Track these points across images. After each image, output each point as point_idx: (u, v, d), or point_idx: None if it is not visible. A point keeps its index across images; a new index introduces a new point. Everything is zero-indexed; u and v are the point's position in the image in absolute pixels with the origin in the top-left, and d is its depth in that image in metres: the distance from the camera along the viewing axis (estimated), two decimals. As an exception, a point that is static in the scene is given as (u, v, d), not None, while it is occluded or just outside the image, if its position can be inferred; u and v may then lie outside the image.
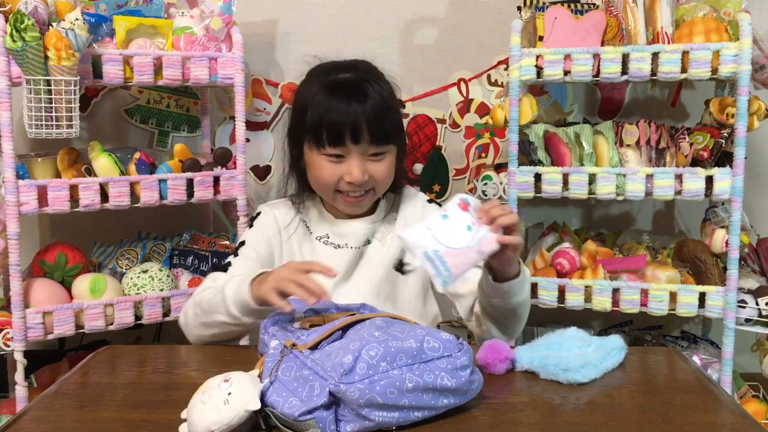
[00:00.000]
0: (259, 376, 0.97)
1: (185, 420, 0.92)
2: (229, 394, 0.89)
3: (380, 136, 1.30)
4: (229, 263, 1.39)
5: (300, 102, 1.37)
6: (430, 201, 1.50)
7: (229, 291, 1.23)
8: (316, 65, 1.42)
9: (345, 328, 1.01)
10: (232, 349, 1.28)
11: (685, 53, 1.75)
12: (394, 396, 0.89)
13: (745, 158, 1.77)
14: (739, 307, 1.82)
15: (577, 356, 1.08)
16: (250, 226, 1.47)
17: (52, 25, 1.68)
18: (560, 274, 1.94)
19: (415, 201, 1.48)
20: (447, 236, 1.05)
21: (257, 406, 0.89)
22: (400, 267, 1.05)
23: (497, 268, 1.21)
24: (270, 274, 1.16)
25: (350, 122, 1.27)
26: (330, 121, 1.27)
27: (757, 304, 1.84)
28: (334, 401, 0.90)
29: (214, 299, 1.26)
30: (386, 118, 1.30)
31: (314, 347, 0.98)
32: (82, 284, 1.84)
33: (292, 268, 1.12)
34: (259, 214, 1.49)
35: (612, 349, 1.12)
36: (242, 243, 1.43)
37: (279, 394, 0.92)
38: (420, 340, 0.94)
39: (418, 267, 1.04)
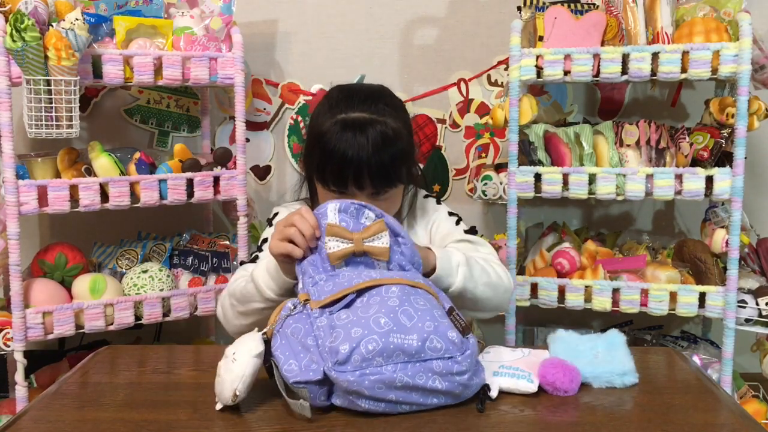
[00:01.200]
0: (266, 333, 1.01)
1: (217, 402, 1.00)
2: (234, 353, 0.97)
3: (383, 183, 1.29)
4: (257, 256, 1.41)
5: (312, 129, 1.36)
6: (430, 197, 1.52)
7: (260, 277, 1.24)
8: (334, 88, 1.40)
9: (361, 291, 1.01)
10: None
11: (685, 53, 1.75)
12: (381, 391, 0.93)
13: (745, 158, 1.77)
14: (739, 307, 1.82)
15: (608, 361, 1.08)
16: (270, 225, 1.48)
17: (52, 25, 1.68)
18: (560, 274, 1.94)
19: (425, 210, 1.49)
20: None
21: (261, 347, 0.97)
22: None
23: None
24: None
25: (353, 172, 1.26)
26: (334, 168, 1.27)
27: (757, 304, 1.84)
28: (327, 379, 0.95)
29: (246, 288, 1.28)
30: (391, 164, 1.28)
31: (325, 306, 1.00)
32: (82, 284, 1.84)
33: (287, 219, 1.14)
34: (277, 213, 1.49)
35: (620, 344, 1.12)
36: (265, 240, 1.44)
37: (282, 352, 0.98)
38: (423, 339, 0.95)
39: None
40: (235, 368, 0.96)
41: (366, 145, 1.25)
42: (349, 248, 1.06)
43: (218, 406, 0.99)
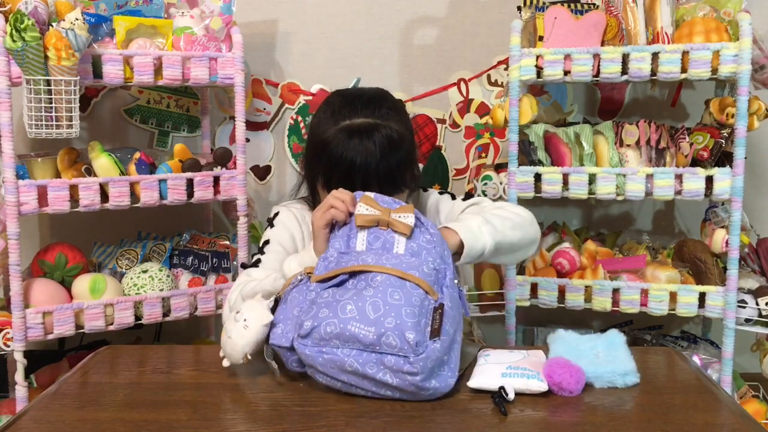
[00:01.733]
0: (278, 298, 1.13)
1: (223, 357, 1.12)
2: (245, 320, 1.08)
3: (391, 188, 1.29)
4: (259, 259, 1.41)
5: (314, 136, 1.35)
6: (441, 193, 1.52)
7: (292, 270, 1.22)
8: (334, 94, 1.40)
9: (354, 274, 1.08)
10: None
11: (685, 53, 1.75)
12: (334, 371, 1.01)
13: (745, 158, 1.77)
14: (739, 307, 1.83)
15: (609, 361, 1.08)
16: (271, 226, 1.47)
17: (52, 25, 1.68)
18: (560, 274, 1.94)
19: (417, 200, 1.49)
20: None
21: (270, 317, 1.08)
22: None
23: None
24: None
25: (361, 178, 1.27)
26: (341, 175, 1.28)
27: (757, 304, 1.84)
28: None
29: (275, 285, 1.25)
30: (398, 169, 1.29)
31: (322, 281, 1.08)
32: (82, 284, 1.84)
33: (326, 201, 1.18)
34: (277, 213, 1.49)
35: (620, 344, 1.12)
36: (266, 242, 1.44)
37: (277, 316, 1.09)
38: (380, 334, 0.99)
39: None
40: (248, 334, 1.07)
41: (374, 151, 1.26)
42: (376, 215, 1.12)
43: (225, 363, 1.11)
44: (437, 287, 1.06)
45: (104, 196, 1.81)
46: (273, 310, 1.11)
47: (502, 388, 1.01)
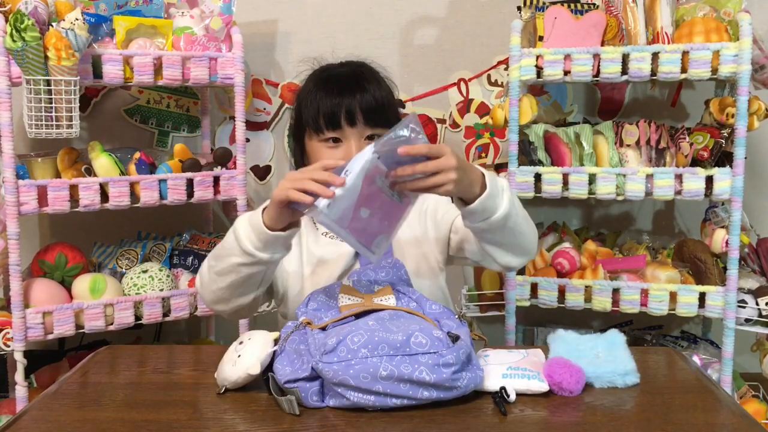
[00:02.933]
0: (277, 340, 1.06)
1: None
2: (239, 356, 1.02)
3: (375, 117, 1.33)
4: None
5: (298, 99, 1.42)
6: None
7: (241, 227, 1.20)
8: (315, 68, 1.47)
9: (358, 315, 1.07)
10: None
11: (685, 53, 1.75)
12: (367, 381, 0.95)
13: (745, 158, 1.77)
14: (739, 307, 1.83)
15: (609, 361, 1.08)
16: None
17: (52, 25, 1.68)
18: (560, 274, 1.94)
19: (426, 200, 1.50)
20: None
21: (256, 371, 1.01)
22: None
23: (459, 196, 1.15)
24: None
25: (345, 105, 1.31)
26: (325, 107, 1.32)
27: (757, 304, 1.84)
28: (318, 376, 0.98)
29: (226, 241, 1.23)
30: (380, 100, 1.34)
31: (324, 328, 1.04)
32: (82, 284, 1.84)
33: (301, 170, 1.11)
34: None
35: (620, 344, 1.12)
36: None
37: (281, 363, 1.01)
38: (408, 335, 0.98)
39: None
40: (231, 371, 1.03)
41: (354, 86, 1.32)
42: (359, 303, 1.11)
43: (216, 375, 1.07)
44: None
45: (104, 196, 1.81)
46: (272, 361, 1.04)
47: (503, 388, 1.01)
